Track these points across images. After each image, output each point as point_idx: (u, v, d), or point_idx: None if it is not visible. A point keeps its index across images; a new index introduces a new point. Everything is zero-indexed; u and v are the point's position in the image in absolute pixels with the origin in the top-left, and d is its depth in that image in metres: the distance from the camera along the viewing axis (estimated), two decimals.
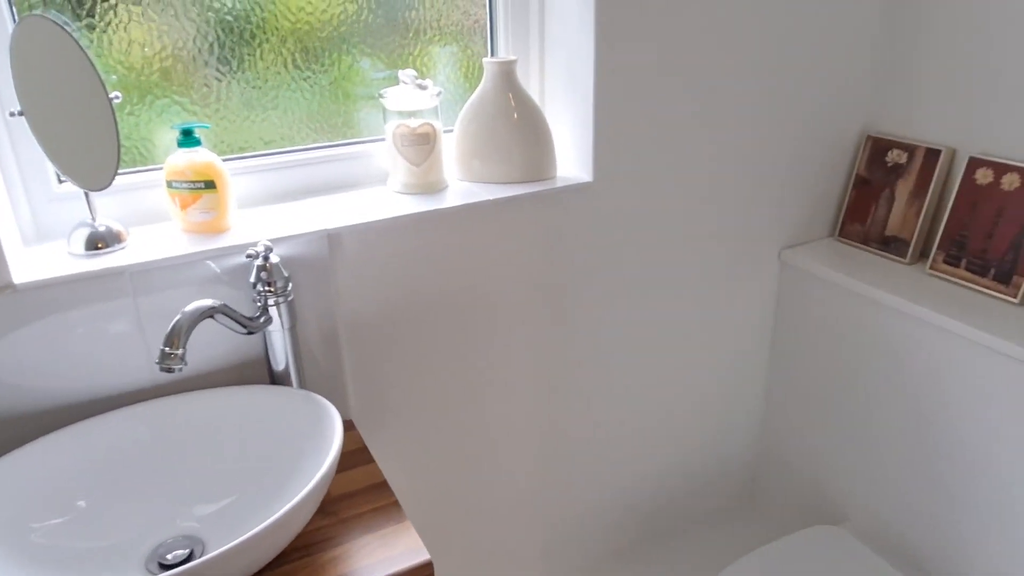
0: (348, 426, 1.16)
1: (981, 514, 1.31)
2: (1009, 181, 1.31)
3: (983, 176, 1.35)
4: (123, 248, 1.01)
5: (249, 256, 0.97)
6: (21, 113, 0.92)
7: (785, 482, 1.75)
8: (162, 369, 0.83)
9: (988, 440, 1.27)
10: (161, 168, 1.11)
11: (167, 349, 0.83)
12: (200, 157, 1.04)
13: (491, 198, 1.20)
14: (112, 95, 0.95)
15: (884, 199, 1.52)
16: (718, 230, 1.46)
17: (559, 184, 1.26)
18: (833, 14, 1.40)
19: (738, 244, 1.50)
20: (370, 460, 1.06)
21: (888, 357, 1.42)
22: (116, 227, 1.02)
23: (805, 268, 1.53)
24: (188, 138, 1.03)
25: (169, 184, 1.04)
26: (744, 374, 1.67)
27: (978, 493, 1.30)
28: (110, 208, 1.08)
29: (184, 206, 1.05)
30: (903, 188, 1.48)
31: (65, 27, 0.90)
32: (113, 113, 0.95)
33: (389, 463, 1.30)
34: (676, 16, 1.24)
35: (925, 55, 1.43)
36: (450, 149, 1.30)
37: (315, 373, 1.14)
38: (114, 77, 1.07)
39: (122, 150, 1.01)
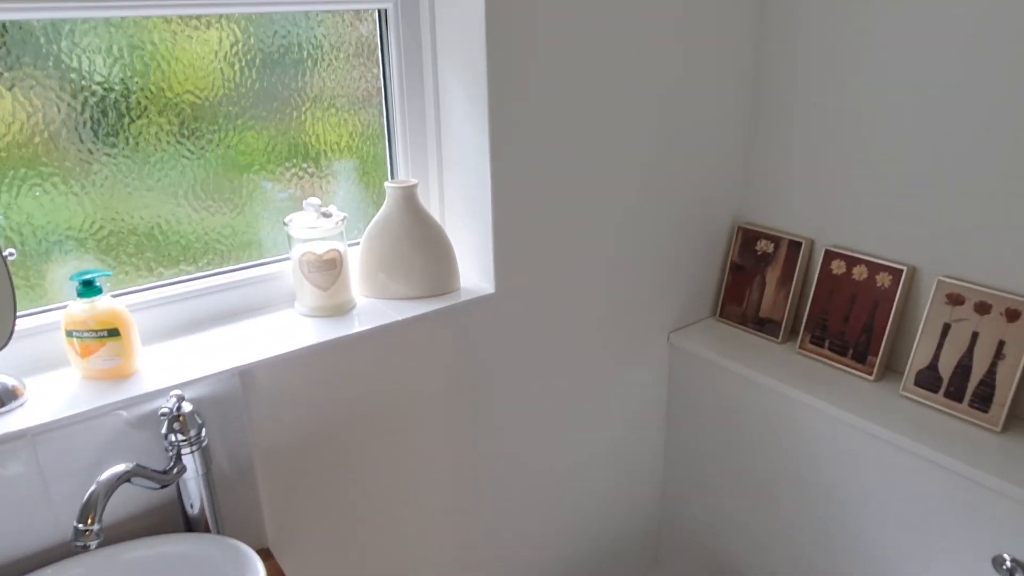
0: (266, 555, 1.15)
1: (863, 564, 1.45)
2: (858, 272, 1.49)
3: (837, 267, 1.52)
4: (21, 405, 0.98)
5: (163, 415, 0.97)
6: None
7: (687, 547, 1.86)
8: (77, 546, 0.82)
9: (857, 504, 1.42)
10: (60, 307, 1.09)
11: (81, 526, 0.82)
12: (102, 305, 1.03)
13: (399, 318, 1.24)
14: (7, 252, 0.93)
15: (756, 284, 1.67)
16: (612, 319, 1.57)
17: (463, 297, 1.32)
18: (707, 119, 1.55)
19: (631, 331, 1.61)
20: None
21: (768, 431, 1.56)
22: (11, 383, 0.99)
23: (691, 350, 1.66)
24: (89, 288, 1.02)
25: (69, 333, 1.02)
26: (643, 449, 1.77)
27: (857, 547, 1.45)
28: (2, 360, 1.04)
29: (86, 354, 1.03)
30: (772, 275, 1.64)
31: None
32: (7, 270, 0.93)
33: None
34: (563, 136, 1.34)
35: (787, 156, 1.60)
36: (356, 262, 1.33)
37: (230, 506, 1.14)
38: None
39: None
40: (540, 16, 1.23)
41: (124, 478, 0.89)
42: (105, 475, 0.87)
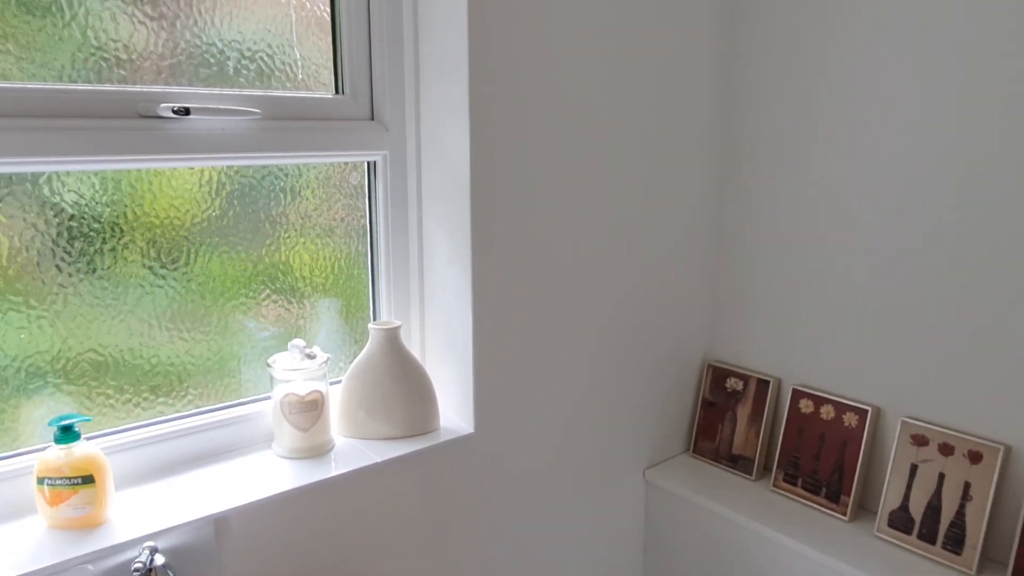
0: None
1: None
2: (826, 411, 1.54)
3: (805, 405, 1.57)
4: None
5: (136, 570, 0.93)
6: None
7: None
8: None
9: None
10: (28, 452, 1.06)
11: None
12: (79, 451, 1.01)
13: (377, 460, 1.23)
14: None
15: (728, 420, 1.71)
16: (589, 457, 1.57)
17: (442, 437, 1.32)
18: (675, 259, 1.63)
19: (607, 468, 1.62)
20: None
21: (745, 570, 1.54)
22: None
23: (667, 487, 1.66)
24: (67, 434, 1.00)
25: (40, 481, 1.00)
26: None
27: None
28: None
29: (56, 502, 1.00)
30: (743, 412, 1.68)
31: None
32: None
33: None
34: (541, 280, 1.40)
35: (753, 296, 1.68)
36: (335, 401, 1.33)
37: None
38: None
39: None
40: (520, 170, 1.32)
41: None
42: None
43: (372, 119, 1.34)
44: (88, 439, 1.07)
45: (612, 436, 1.61)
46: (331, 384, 1.34)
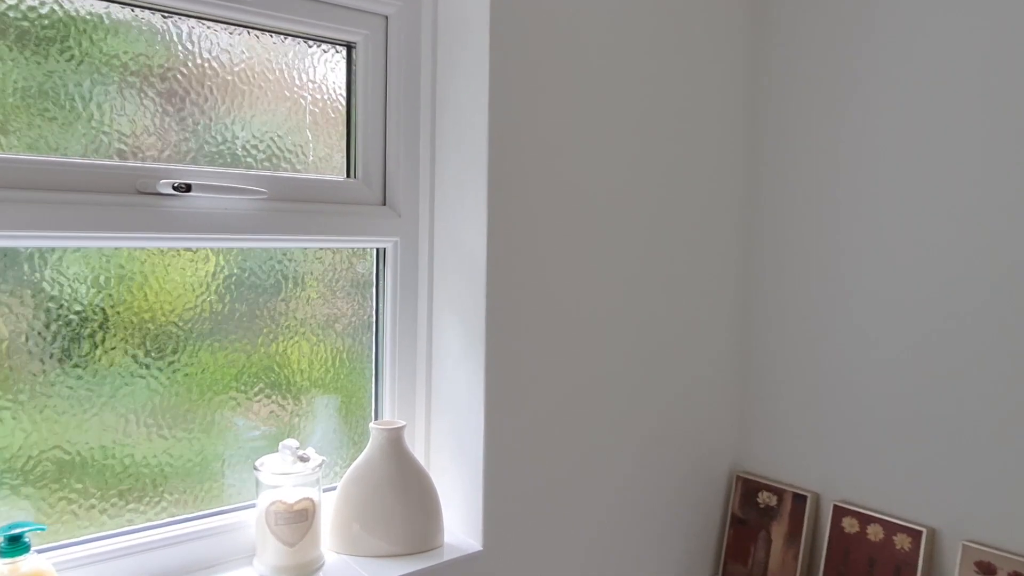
0: None
1: None
2: (874, 532, 1.38)
3: (849, 524, 1.41)
4: None
5: None
6: None
7: None
8: None
9: None
10: None
11: None
12: (27, 567, 0.86)
13: None
14: None
15: (762, 540, 1.54)
16: None
17: (446, 556, 1.17)
18: (697, 360, 1.52)
19: None
20: None
21: None
22: None
23: None
24: (15, 546, 0.86)
25: None
26: None
27: None
28: None
29: None
30: (778, 531, 1.52)
31: None
32: None
33: None
34: (561, 387, 1.28)
35: (784, 399, 1.56)
36: (328, 510, 1.19)
37: None
38: None
39: None
40: (540, 263, 1.24)
41: None
42: None
43: (384, 204, 1.27)
44: (40, 551, 0.93)
45: (635, 558, 1.44)
46: (324, 491, 1.20)
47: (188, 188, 1.03)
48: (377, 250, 1.28)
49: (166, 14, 1.05)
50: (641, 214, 1.39)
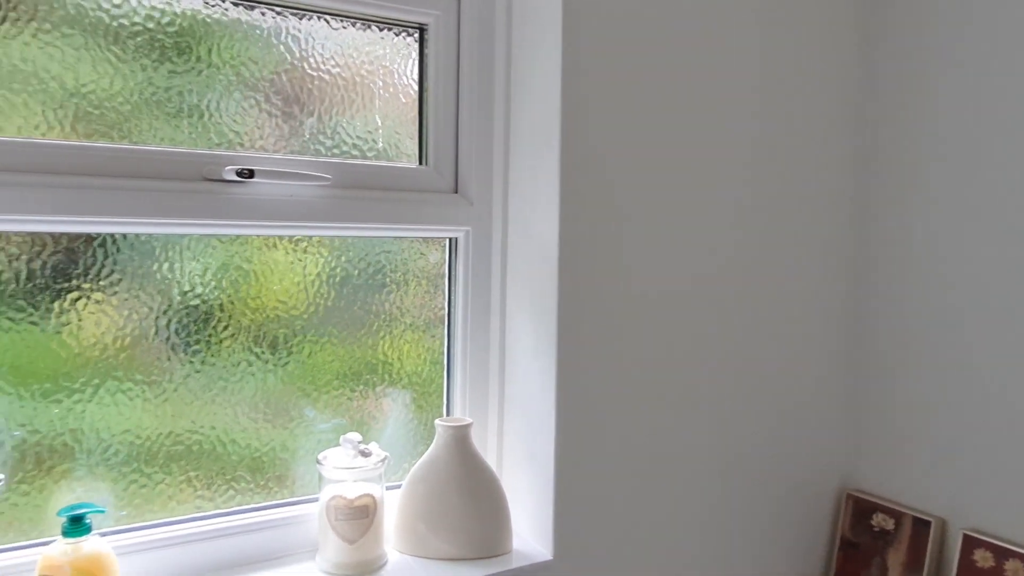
0: None
1: None
2: (1013, 568, 1.18)
3: (983, 558, 1.22)
4: None
5: None
6: None
7: None
8: None
9: None
10: (39, 544, 0.94)
11: None
12: (87, 548, 0.87)
13: None
14: None
15: (875, 568, 1.37)
16: None
17: (514, 563, 1.10)
18: (804, 360, 1.37)
19: None
20: None
21: None
22: None
23: None
24: (77, 526, 0.87)
25: None
26: None
27: None
28: None
29: None
30: (895, 558, 1.34)
31: None
32: None
33: None
34: (640, 385, 1.19)
35: (904, 408, 1.38)
36: (393, 508, 1.15)
37: None
38: (17, 432, 0.94)
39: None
40: (617, 256, 1.15)
41: None
42: None
43: (455, 192, 1.22)
44: (103, 535, 0.94)
45: (725, 574, 1.32)
46: (389, 489, 1.16)
47: (251, 174, 1.02)
48: (449, 240, 1.24)
49: (250, 5, 1.04)
50: (738, 209, 1.26)
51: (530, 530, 1.17)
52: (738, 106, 1.25)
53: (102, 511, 0.90)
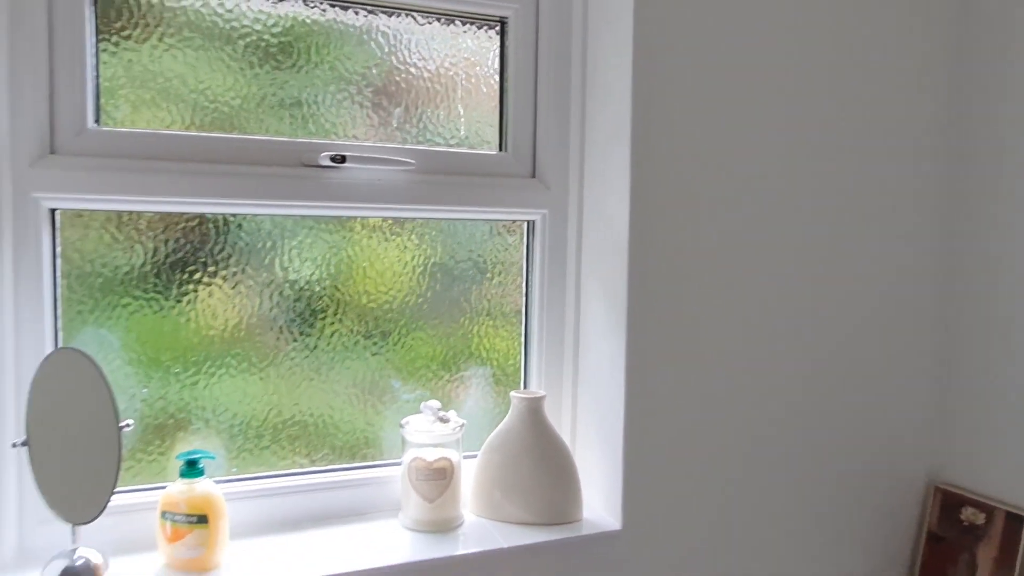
0: None
1: None
2: None
3: None
4: None
5: None
6: (25, 443, 0.91)
7: None
8: None
9: None
10: (161, 488, 1.07)
11: None
12: (199, 489, 0.99)
13: (506, 545, 1.09)
14: (124, 424, 0.94)
15: (963, 564, 1.32)
16: None
17: (584, 531, 1.15)
18: (887, 343, 1.34)
19: None
20: None
21: None
22: (95, 560, 0.95)
23: None
24: (192, 469, 0.99)
25: (163, 514, 0.99)
26: None
27: None
28: (99, 531, 1.02)
29: (173, 539, 0.98)
30: (985, 554, 1.29)
31: (94, 359, 0.92)
32: (120, 443, 0.93)
33: None
34: (711, 361, 1.21)
35: (997, 397, 1.32)
36: (470, 475, 1.22)
37: None
38: (145, 390, 1.08)
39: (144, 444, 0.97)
40: (690, 240, 1.17)
41: None
42: None
43: (533, 176, 1.27)
44: (217, 482, 1.05)
45: (799, 561, 1.31)
46: (467, 458, 1.23)
47: (343, 160, 1.11)
48: (527, 223, 1.29)
49: (344, 5, 1.14)
50: (821, 200, 1.25)
51: (600, 501, 1.21)
52: (819, 98, 1.24)
53: (212, 457, 1.03)
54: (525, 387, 1.30)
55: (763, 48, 1.20)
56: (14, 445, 0.91)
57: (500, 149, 1.27)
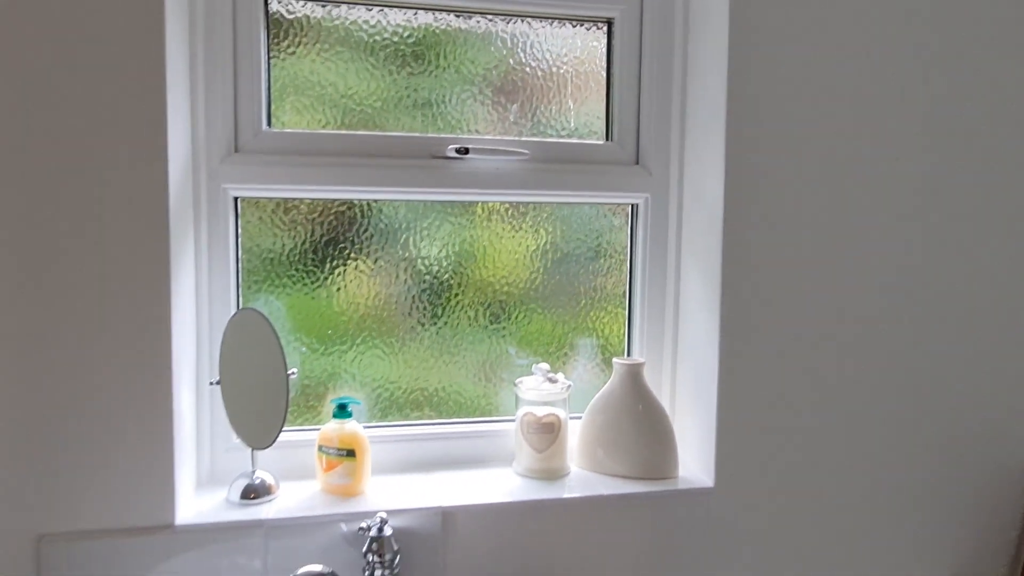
0: None
1: None
2: None
3: None
4: (271, 500, 1.16)
5: (362, 529, 1.07)
6: (218, 382, 1.15)
7: None
8: None
9: None
10: (317, 429, 1.28)
11: None
12: (348, 428, 1.20)
13: (608, 493, 1.22)
14: (290, 371, 1.15)
15: None
16: (858, 551, 1.34)
17: (679, 486, 1.26)
18: (993, 324, 1.35)
19: (885, 570, 1.35)
20: None
21: None
22: (269, 480, 1.18)
23: None
24: (342, 411, 1.20)
25: (319, 448, 1.20)
26: None
27: None
28: (271, 460, 1.25)
29: (327, 469, 1.19)
30: None
31: (268, 318, 1.14)
32: (287, 388, 1.14)
33: None
34: (807, 341, 1.27)
35: None
36: (575, 433, 1.36)
37: None
38: (303, 349, 1.30)
39: (306, 393, 1.19)
40: (783, 220, 1.25)
41: None
42: (302, 570, 0.97)
43: (636, 164, 1.39)
44: (366, 427, 1.26)
45: (893, 534, 1.35)
46: (573, 418, 1.37)
47: (467, 151, 1.28)
48: (631, 206, 1.41)
49: (468, 15, 1.30)
50: (918, 174, 1.29)
51: (695, 461, 1.32)
52: (912, 82, 1.27)
53: (359, 403, 1.23)
54: (628, 356, 1.43)
55: (852, 38, 1.25)
56: (211, 383, 1.15)
57: (607, 139, 1.40)
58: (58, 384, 1.04)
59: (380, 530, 1.07)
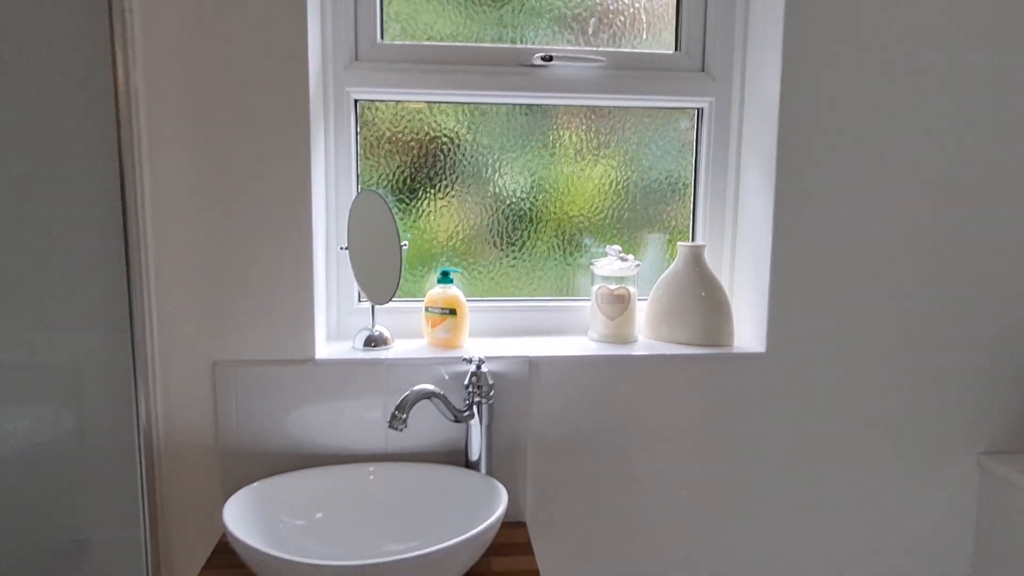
0: (519, 526, 1.37)
1: None
2: None
3: None
4: (387, 349, 1.41)
5: (465, 360, 1.30)
6: (346, 248, 1.40)
7: None
8: (389, 426, 1.16)
9: None
10: (420, 300, 1.52)
11: (396, 412, 1.17)
12: (451, 292, 1.43)
13: (671, 353, 1.42)
14: (403, 243, 1.39)
15: None
16: (898, 416, 1.49)
17: (734, 351, 1.44)
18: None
19: (922, 435, 1.51)
20: (530, 553, 1.26)
21: None
22: (386, 333, 1.43)
23: (1010, 479, 1.46)
24: (445, 278, 1.43)
25: (426, 309, 1.44)
26: None
27: None
28: (386, 320, 1.50)
29: (433, 326, 1.43)
30: None
31: (385, 199, 1.38)
32: (402, 256, 1.38)
33: (550, 562, 1.47)
34: (850, 215, 1.42)
35: None
36: (643, 314, 1.56)
37: (501, 473, 1.40)
38: (408, 237, 1.53)
39: (408, 283, 1.43)
40: (835, 115, 1.39)
41: (429, 395, 1.22)
42: (418, 387, 1.22)
43: (702, 71, 1.55)
44: (470, 301, 1.49)
45: (934, 404, 1.50)
46: (641, 300, 1.56)
47: (551, 59, 1.47)
48: (697, 110, 1.57)
49: None
50: (982, 83, 1.40)
51: (750, 332, 1.50)
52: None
53: (459, 271, 1.46)
54: (693, 239, 1.60)
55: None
56: (341, 248, 1.40)
57: (676, 49, 1.56)
58: (230, 246, 1.30)
59: (479, 365, 1.30)
